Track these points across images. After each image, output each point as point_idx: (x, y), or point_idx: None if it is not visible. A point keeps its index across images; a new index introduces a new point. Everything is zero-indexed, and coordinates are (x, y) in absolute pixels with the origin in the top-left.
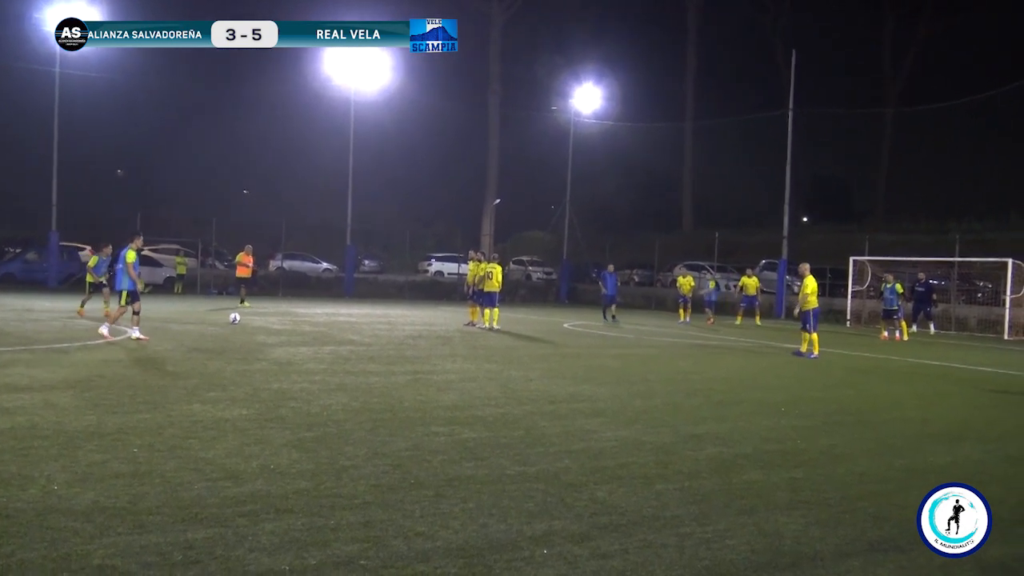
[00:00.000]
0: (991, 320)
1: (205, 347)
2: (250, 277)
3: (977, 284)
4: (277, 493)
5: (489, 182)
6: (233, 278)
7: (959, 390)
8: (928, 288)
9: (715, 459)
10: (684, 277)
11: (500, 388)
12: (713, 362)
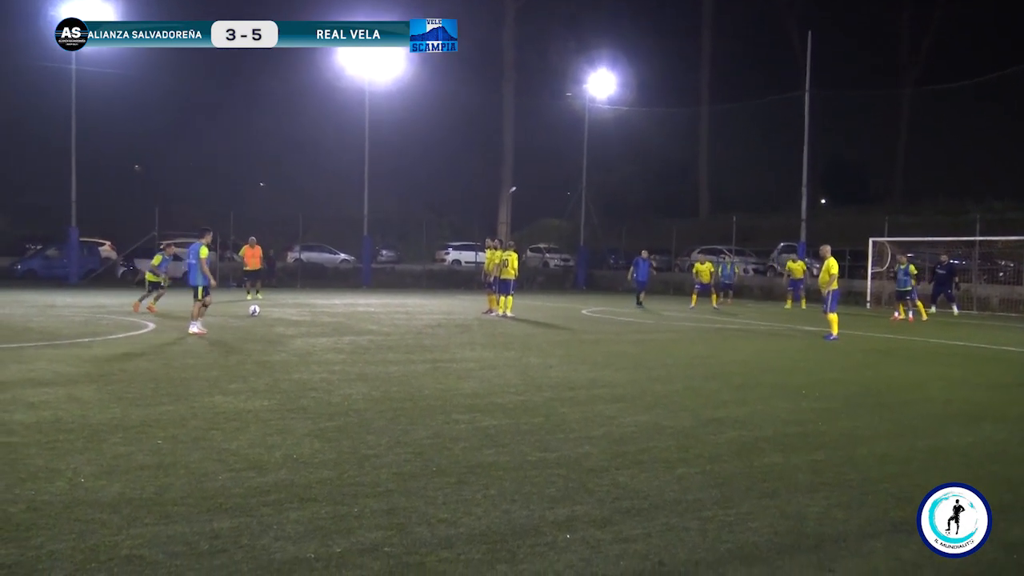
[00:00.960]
0: (1013, 299)
1: (225, 339)
2: (259, 269)
3: (999, 263)
4: (301, 482)
5: (505, 170)
6: None
7: (980, 370)
8: (950, 270)
9: (736, 442)
10: (701, 264)
11: (520, 375)
12: (732, 346)
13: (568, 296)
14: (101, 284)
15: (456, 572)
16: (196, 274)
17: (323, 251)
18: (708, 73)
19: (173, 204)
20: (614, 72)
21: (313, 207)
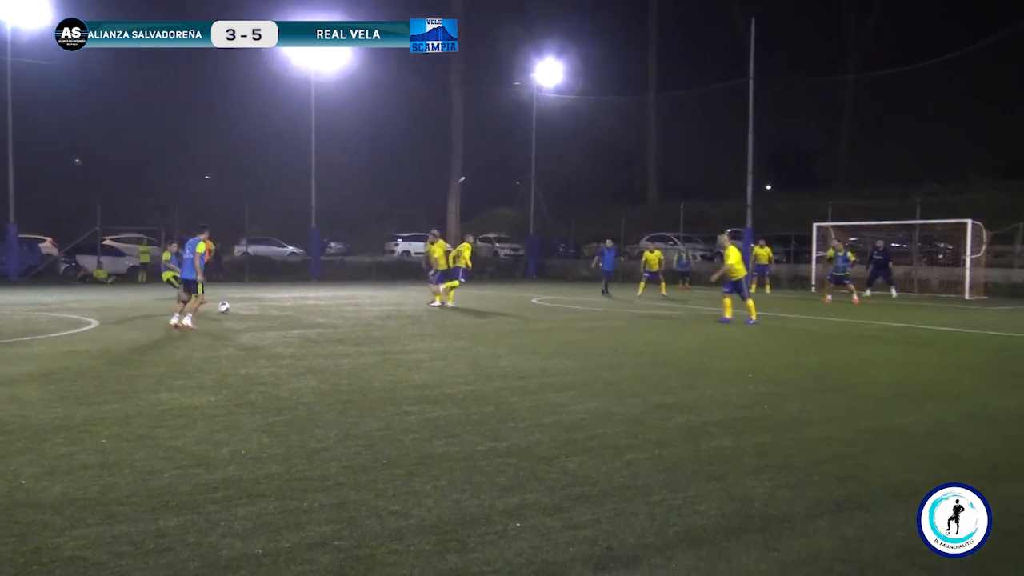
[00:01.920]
0: (952, 281)
1: (171, 335)
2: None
3: (938, 246)
4: (249, 478)
5: (454, 160)
6: None
7: (921, 351)
8: (886, 254)
9: (684, 427)
10: (651, 252)
11: (470, 365)
12: (681, 332)
13: (518, 285)
14: (43, 281)
15: (406, 564)
16: (190, 268)
17: (271, 244)
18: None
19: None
20: (561, 61)
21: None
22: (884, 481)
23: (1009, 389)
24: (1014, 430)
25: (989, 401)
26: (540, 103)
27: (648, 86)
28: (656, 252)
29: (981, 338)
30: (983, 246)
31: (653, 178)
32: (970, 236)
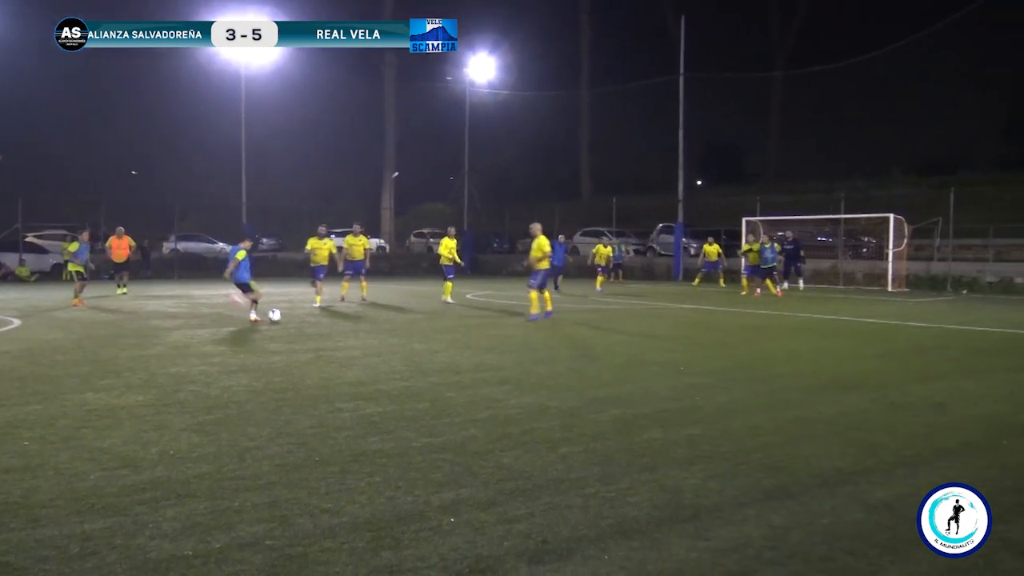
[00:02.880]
0: (875, 273)
1: (97, 334)
2: (126, 261)
3: (862, 239)
4: (178, 478)
5: (387, 155)
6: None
7: (846, 342)
8: (796, 246)
9: (617, 420)
10: (605, 247)
11: (404, 361)
12: (614, 326)
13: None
14: None
15: (339, 562)
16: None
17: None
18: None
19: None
20: (494, 56)
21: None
22: (810, 469)
23: (928, 378)
24: (933, 418)
25: (910, 390)
26: (473, 98)
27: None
28: (609, 248)
29: (902, 329)
30: (904, 240)
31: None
32: (892, 230)
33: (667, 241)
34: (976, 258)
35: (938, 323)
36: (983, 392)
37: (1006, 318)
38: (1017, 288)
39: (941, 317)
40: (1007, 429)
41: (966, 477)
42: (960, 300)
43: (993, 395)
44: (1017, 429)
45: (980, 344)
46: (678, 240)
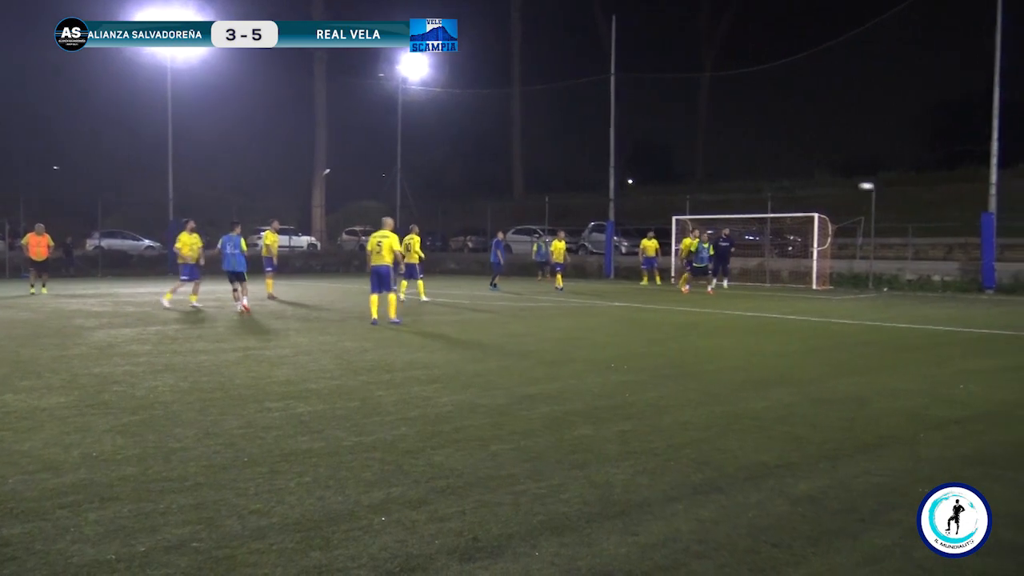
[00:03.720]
0: (800, 272)
1: (16, 333)
2: (45, 260)
3: (788, 238)
4: (101, 481)
5: (318, 152)
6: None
7: (772, 339)
8: (731, 244)
9: (548, 417)
10: (559, 242)
11: (335, 360)
12: (545, 323)
13: None
14: None
15: (268, 563)
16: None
17: (126, 237)
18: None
19: None
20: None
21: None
22: (737, 463)
23: (850, 373)
24: (854, 411)
25: (832, 385)
26: (406, 96)
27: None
28: (562, 243)
29: (826, 325)
30: (828, 239)
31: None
32: (816, 229)
33: (599, 239)
34: (896, 256)
35: (860, 320)
36: (901, 387)
37: (924, 314)
38: (934, 285)
39: (863, 314)
40: (923, 423)
41: (885, 469)
42: (881, 297)
43: (911, 390)
44: (932, 423)
45: (899, 340)
46: (609, 238)
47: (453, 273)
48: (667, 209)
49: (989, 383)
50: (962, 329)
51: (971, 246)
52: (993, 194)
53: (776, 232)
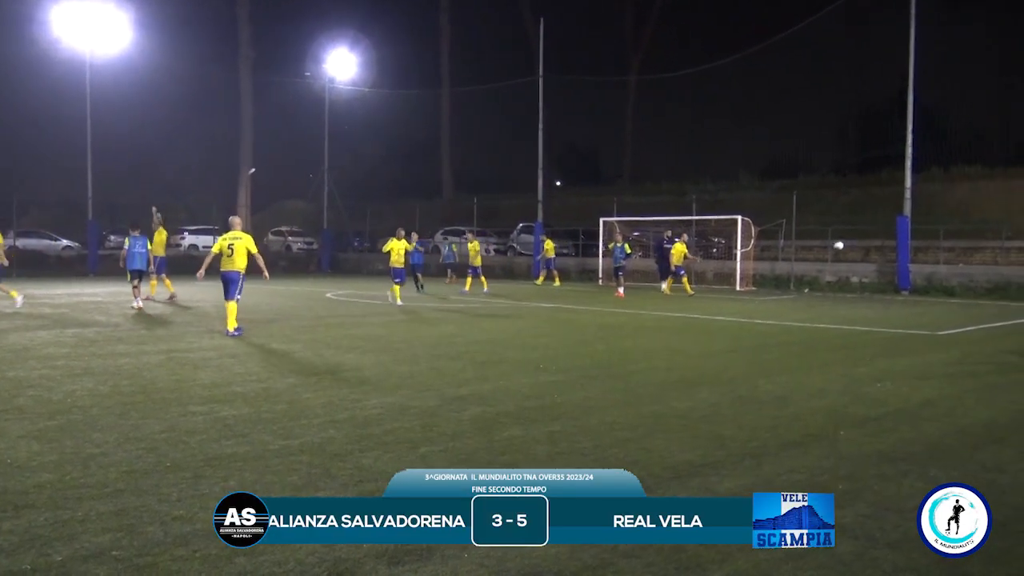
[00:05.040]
0: (725, 273)
1: None
2: None
3: (713, 240)
4: (15, 488)
5: (243, 150)
6: None
7: (698, 339)
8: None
9: (478, 419)
10: (472, 242)
11: (261, 362)
12: (474, 325)
13: (312, 280)
14: None
15: (192, 570)
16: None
17: (42, 237)
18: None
19: None
20: (354, 53)
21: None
22: (663, 463)
23: (773, 373)
24: (777, 410)
25: (756, 384)
26: (333, 95)
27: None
28: (475, 242)
29: (749, 326)
30: (751, 241)
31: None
32: (740, 231)
33: (527, 240)
34: (816, 259)
35: (782, 320)
36: (822, 385)
37: (843, 315)
38: (853, 287)
39: (785, 315)
40: (844, 420)
41: (807, 467)
42: (802, 298)
43: (831, 388)
44: (853, 420)
45: (820, 340)
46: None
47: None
48: (595, 211)
49: (904, 381)
50: (879, 329)
51: (887, 248)
52: (908, 198)
53: (700, 234)
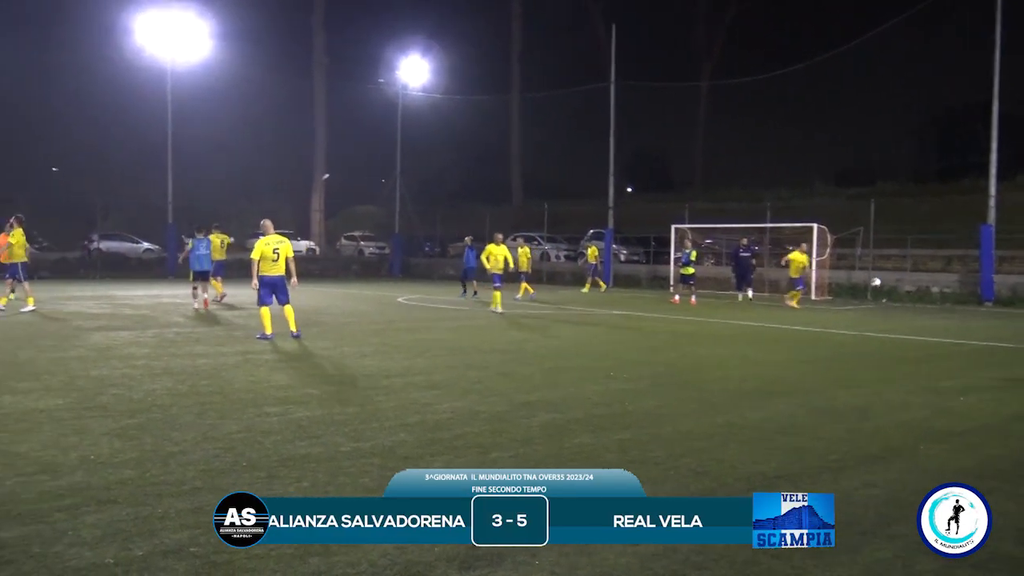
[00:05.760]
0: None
1: (14, 335)
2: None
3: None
4: (99, 484)
5: (317, 156)
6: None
7: (773, 349)
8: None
9: (547, 425)
10: (522, 248)
11: (334, 365)
12: (544, 331)
13: (383, 284)
14: None
15: (267, 569)
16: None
17: (124, 240)
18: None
19: None
20: (427, 59)
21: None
22: (736, 474)
23: (851, 384)
24: (856, 423)
25: (834, 396)
26: (406, 101)
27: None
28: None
29: (826, 336)
30: (827, 249)
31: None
32: (816, 239)
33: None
34: (895, 267)
35: (860, 330)
36: (903, 398)
37: (924, 326)
38: (933, 297)
39: (863, 325)
40: (926, 434)
41: (887, 481)
42: (880, 308)
43: (913, 401)
44: (935, 434)
45: (900, 351)
46: (608, 246)
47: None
48: (666, 218)
49: (989, 395)
50: (962, 341)
51: (970, 258)
52: (992, 206)
53: (775, 242)
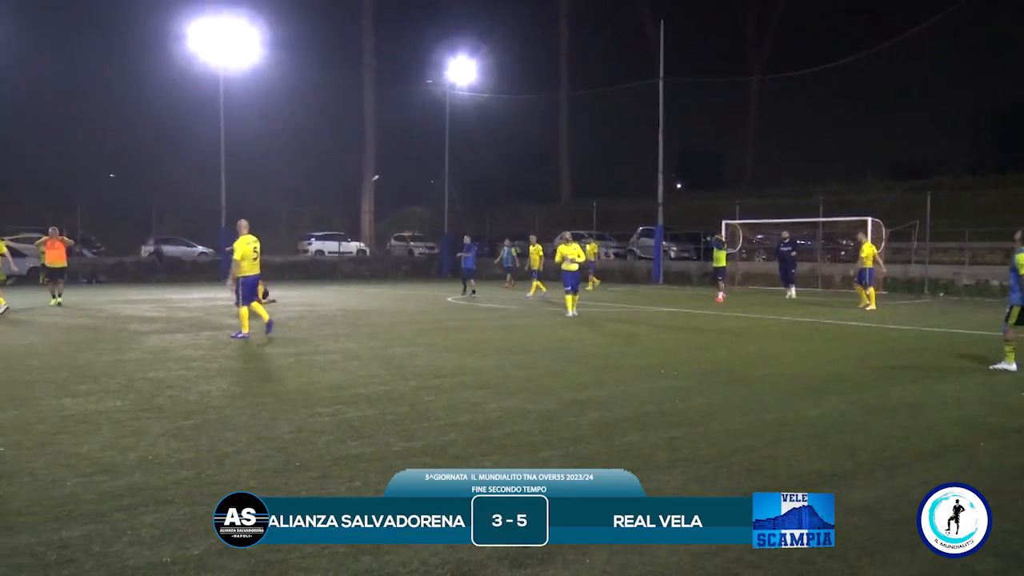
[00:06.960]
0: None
1: (74, 338)
2: (62, 267)
3: (840, 243)
4: (156, 484)
5: (367, 158)
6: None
7: (825, 345)
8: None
9: (597, 423)
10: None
11: (384, 365)
12: (592, 329)
13: (433, 284)
14: None
15: (320, 567)
16: None
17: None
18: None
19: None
20: (474, 59)
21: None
22: (789, 472)
23: (906, 380)
24: (911, 420)
25: (887, 392)
26: (453, 101)
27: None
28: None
29: (880, 332)
30: (882, 243)
31: (565, 176)
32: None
33: (647, 244)
34: (952, 261)
35: (915, 325)
36: (959, 394)
37: (982, 320)
38: (992, 290)
39: (918, 319)
40: (984, 431)
41: (943, 479)
42: (937, 302)
43: (969, 397)
44: (993, 431)
45: (956, 346)
46: (658, 243)
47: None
48: (716, 214)
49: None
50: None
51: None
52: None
53: (828, 237)
